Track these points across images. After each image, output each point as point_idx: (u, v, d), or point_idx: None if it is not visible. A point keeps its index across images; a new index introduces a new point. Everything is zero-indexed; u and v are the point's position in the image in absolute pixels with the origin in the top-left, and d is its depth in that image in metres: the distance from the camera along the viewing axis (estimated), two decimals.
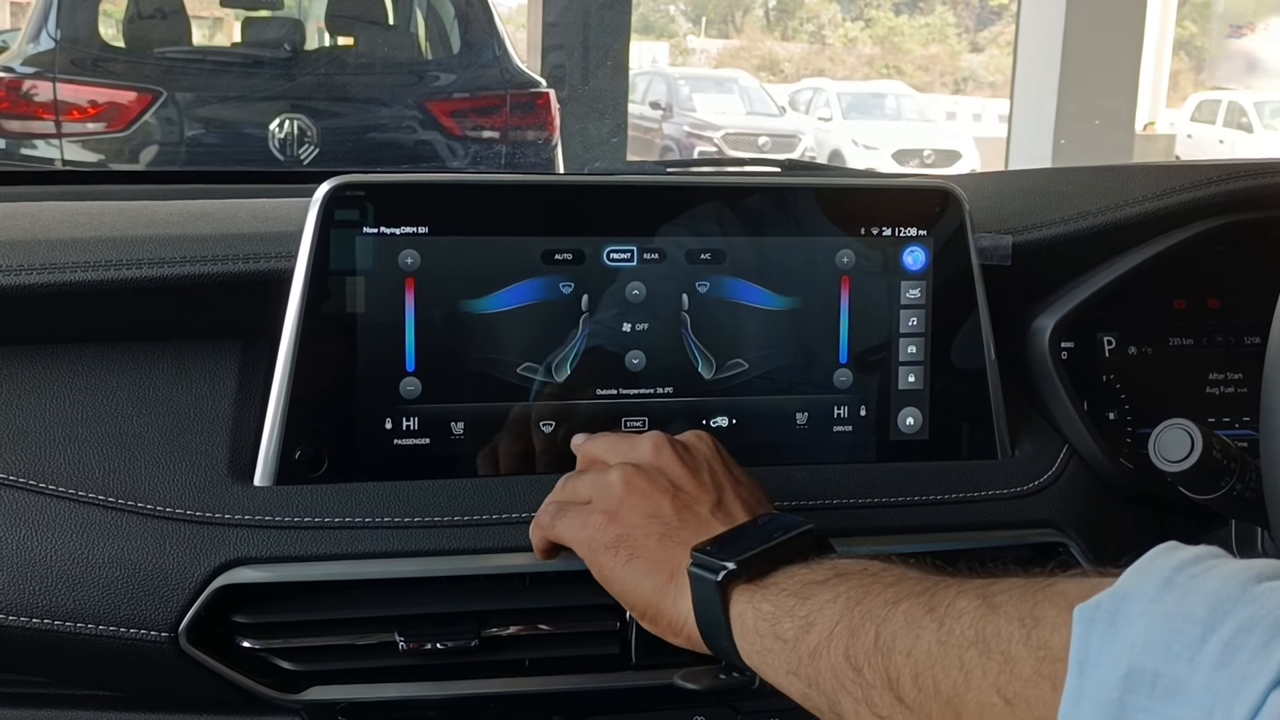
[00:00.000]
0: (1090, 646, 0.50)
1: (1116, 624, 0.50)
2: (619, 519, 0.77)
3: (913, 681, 0.59)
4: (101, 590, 0.84)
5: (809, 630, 0.66)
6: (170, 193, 1.21)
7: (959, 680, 0.57)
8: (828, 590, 0.67)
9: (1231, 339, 1.14)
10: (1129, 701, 0.48)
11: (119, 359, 0.93)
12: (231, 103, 4.43)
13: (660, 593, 0.74)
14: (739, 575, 0.70)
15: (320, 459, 0.90)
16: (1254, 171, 1.07)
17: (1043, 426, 1.05)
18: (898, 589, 0.64)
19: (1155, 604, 0.49)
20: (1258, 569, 0.49)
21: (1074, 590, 0.55)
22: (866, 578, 0.67)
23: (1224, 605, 0.47)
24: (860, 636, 0.63)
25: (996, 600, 0.58)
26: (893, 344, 1.00)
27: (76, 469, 0.88)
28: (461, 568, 0.89)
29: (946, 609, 0.60)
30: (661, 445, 0.81)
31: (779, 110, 14.11)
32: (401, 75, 4.79)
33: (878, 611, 0.63)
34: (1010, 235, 1.03)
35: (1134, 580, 0.51)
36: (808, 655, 0.65)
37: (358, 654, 0.89)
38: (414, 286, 0.91)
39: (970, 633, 0.57)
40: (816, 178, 1.24)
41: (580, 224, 0.95)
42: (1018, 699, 0.54)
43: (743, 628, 0.70)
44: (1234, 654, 0.46)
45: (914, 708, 0.59)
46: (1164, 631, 0.48)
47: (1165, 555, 0.52)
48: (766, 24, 26.09)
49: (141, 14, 4.66)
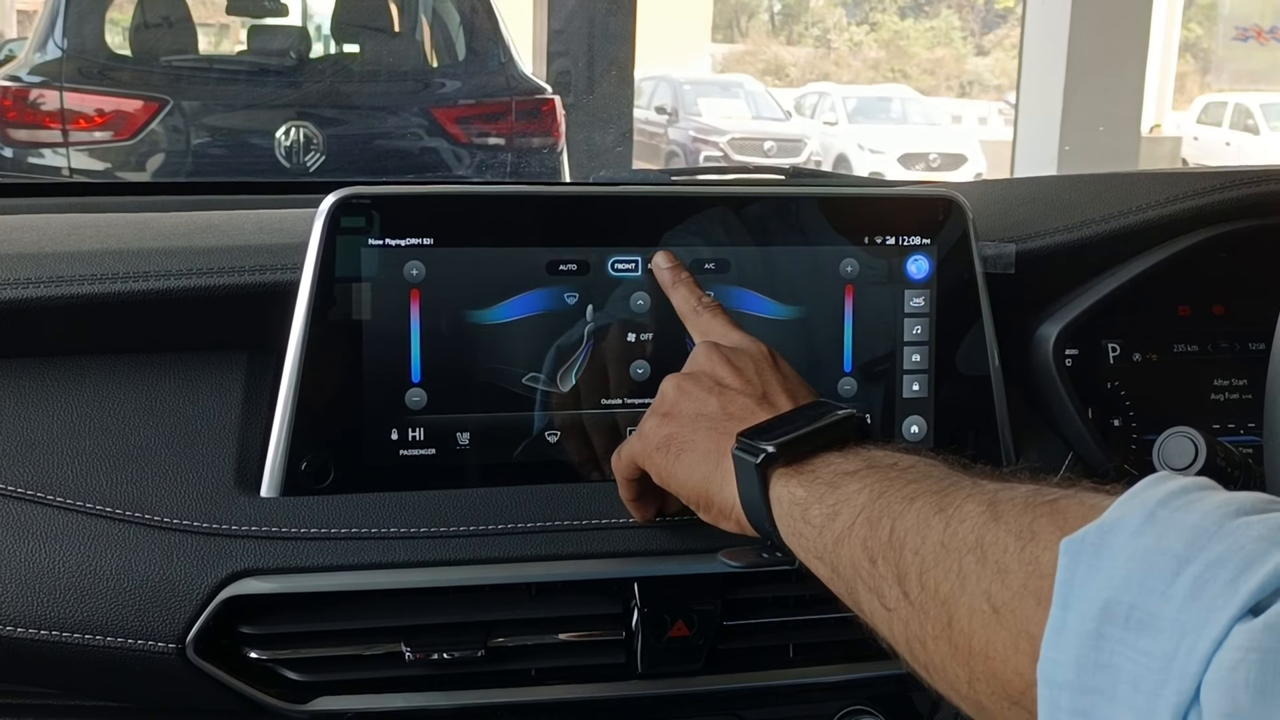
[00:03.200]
0: (1075, 578, 0.51)
1: (1101, 556, 0.51)
2: (670, 419, 0.81)
3: (917, 579, 0.61)
4: (109, 602, 0.85)
5: (834, 518, 0.68)
6: (176, 204, 1.22)
7: (955, 583, 0.58)
8: (856, 481, 0.69)
9: (1236, 345, 1.14)
10: (1105, 633, 0.49)
11: (125, 371, 0.93)
12: (238, 111, 4.44)
13: (708, 479, 0.78)
14: (777, 458, 0.72)
15: (326, 470, 0.90)
16: (1258, 178, 1.07)
17: (1047, 434, 1.05)
18: (917, 486, 0.65)
19: (1137, 538, 0.50)
20: (1238, 503, 0.50)
21: (1073, 510, 0.56)
22: (894, 472, 0.68)
23: (1199, 540, 0.48)
24: (878, 529, 0.65)
25: (1001, 509, 0.59)
26: (897, 352, 1.00)
27: (83, 481, 0.88)
28: (468, 578, 0.90)
29: (954, 510, 0.61)
30: (710, 351, 0.84)
31: (785, 115, 14.12)
32: (407, 82, 4.80)
33: (895, 506, 0.65)
34: (1014, 243, 1.03)
35: (1119, 513, 0.52)
36: (832, 542, 0.68)
37: (365, 664, 0.90)
38: (419, 297, 0.91)
39: (971, 537, 0.59)
40: (821, 186, 1.25)
41: (585, 234, 0.95)
42: (1005, 609, 0.55)
43: (780, 510, 0.72)
44: (1204, 587, 0.46)
45: (916, 604, 0.61)
46: (1142, 566, 0.49)
47: (1153, 487, 0.53)
48: (772, 28, 26.11)
49: (148, 22, 4.67)
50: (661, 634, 0.91)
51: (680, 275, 0.92)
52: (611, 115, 5.92)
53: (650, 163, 11.93)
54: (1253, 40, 17.74)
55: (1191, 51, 20.23)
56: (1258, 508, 0.50)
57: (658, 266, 0.93)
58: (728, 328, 0.88)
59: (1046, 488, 0.60)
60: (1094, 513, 0.53)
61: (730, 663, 0.94)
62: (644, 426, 0.83)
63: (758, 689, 0.96)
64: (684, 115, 13.21)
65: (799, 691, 0.97)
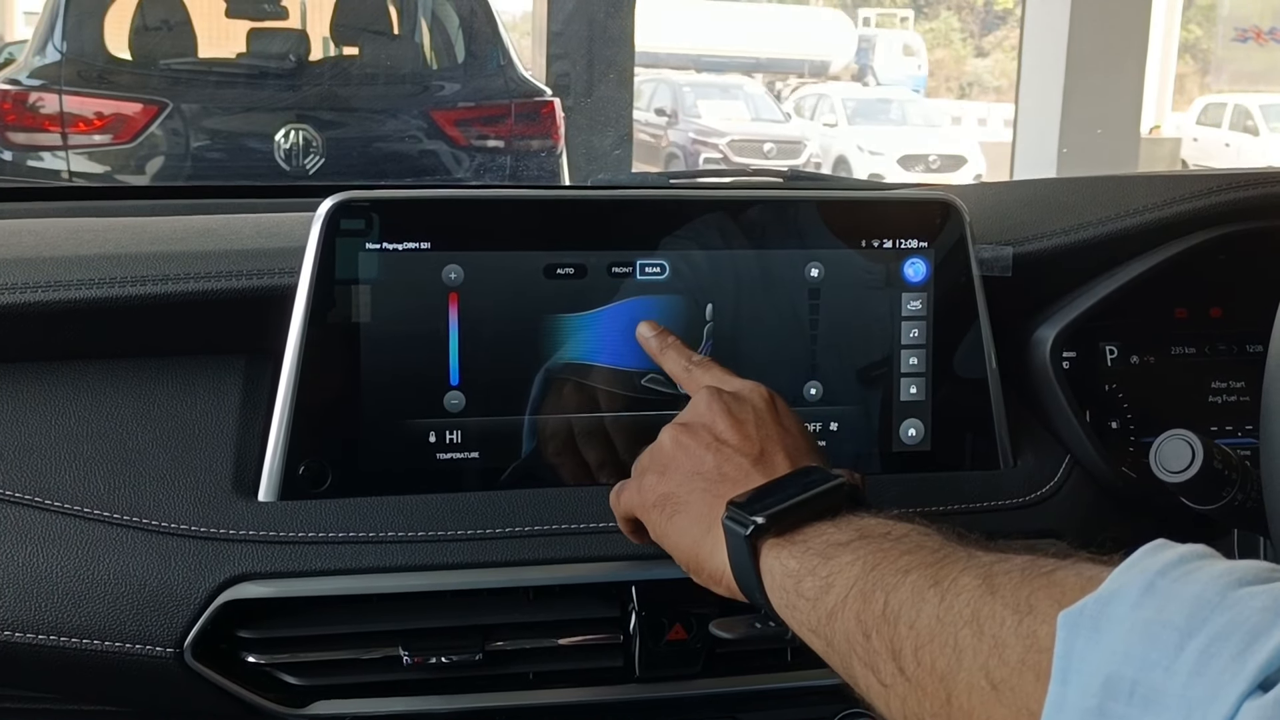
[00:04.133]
0: (1074, 652, 0.50)
1: (1100, 629, 0.50)
2: (666, 477, 0.79)
3: (913, 655, 0.60)
4: (107, 607, 0.85)
5: (828, 591, 0.67)
6: (175, 208, 1.22)
7: (952, 658, 0.57)
8: (849, 552, 0.68)
9: (1234, 348, 1.14)
10: (1108, 709, 0.48)
11: (123, 375, 0.94)
12: (237, 114, 4.44)
13: (699, 544, 0.76)
14: (767, 529, 0.71)
15: (324, 474, 0.91)
16: (1255, 181, 1.07)
17: (1044, 437, 1.05)
18: (911, 558, 0.64)
19: (1137, 610, 0.49)
20: (1239, 573, 0.49)
21: (1070, 582, 0.54)
22: (887, 542, 0.67)
23: (1201, 612, 0.47)
24: (871, 603, 0.64)
25: (997, 581, 0.58)
26: (894, 355, 1.00)
27: (82, 486, 0.88)
28: (465, 582, 0.90)
29: (950, 584, 0.60)
30: (712, 400, 0.81)
31: (784, 116, 14.11)
32: (406, 85, 4.80)
33: (889, 579, 0.64)
34: (1011, 246, 1.03)
35: (1117, 583, 0.51)
36: (825, 615, 0.67)
37: (363, 668, 0.90)
38: (419, 301, 0.91)
39: (967, 611, 0.57)
40: (818, 190, 1.25)
41: (582, 238, 0.95)
42: (1004, 685, 0.54)
43: (771, 581, 0.71)
44: (1209, 662, 0.46)
45: (913, 681, 0.60)
46: (1143, 639, 0.48)
47: (1151, 556, 0.52)
48: None
49: (148, 25, 4.67)
50: (659, 637, 0.91)
51: (666, 340, 0.90)
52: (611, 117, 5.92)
53: (650, 164, 11.93)
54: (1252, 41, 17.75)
55: (1191, 52, 20.23)
56: (1260, 577, 0.49)
57: (642, 336, 0.91)
58: (726, 377, 0.85)
59: (1043, 559, 0.58)
60: (1091, 584, 0.52)
61: (728, 666, 0.94)
62: (643, 481, 0.81)
63: (755, 692, 0.96)
64: (683, 117, 13.20)
65: (796, 695, 0.97)
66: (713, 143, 12.43)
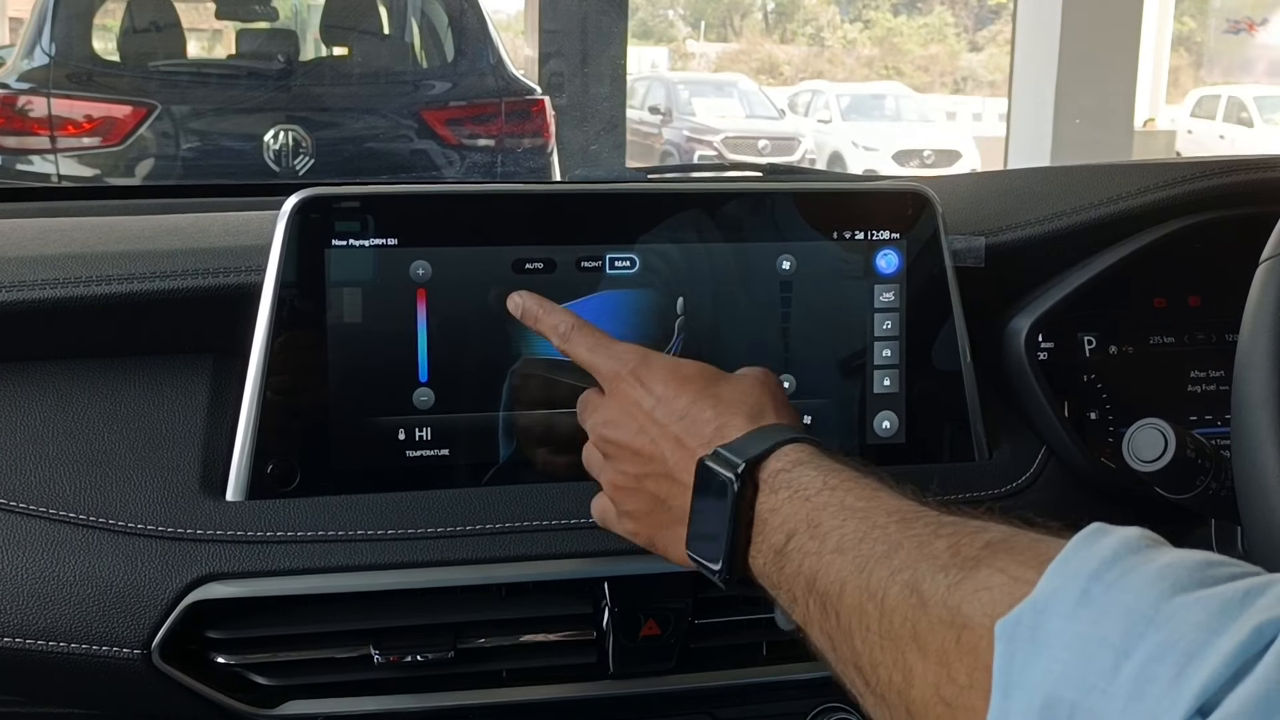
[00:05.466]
0: (1013, 667, 0.50)
1: (1036, 641, 0.49)
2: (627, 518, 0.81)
3: (871, 670, 0.60)
4: (73, 608, 0.84)
5: (793, 607, 0.68)
6: (147, 207, 1.21)
7: (904, 678, 0.57)
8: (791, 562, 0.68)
9: (1213, 336, 1.13)
10: None
11: (90, 375, 0.93)
12: (227, 115, 4.43)
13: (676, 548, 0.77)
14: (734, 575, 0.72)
15: (292, 472, 0.90)
16: (1228, 168, 1.06)
17: (1021, 428, 1.04)
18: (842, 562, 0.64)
19: (1072, 622, 0.49)
20: (1173, 576, 0.48)
21: (997, 583, 0.54)
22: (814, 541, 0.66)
23: (1136, 627, 0.47)
24: (828, 616, 0.64)
25: (924, 588, 0.57)
26: (868, 348, 0.99)
27: (47, 486, 0.87)
28: (436, 579, 0.89)
29: (883, 598, 0.60)
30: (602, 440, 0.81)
31: (778, 113, 14.09)
32: (396, 85, 4.79)
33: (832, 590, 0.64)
34: (984, 236, 1.03)
35: (1051, 587, 0.50)
36: (803, 623, 0.67)
37: (334, 668, 0.89)
38: (387, 297, 0.91)
39: (907, 629, 0.57)
40: (790, 182, 1.24)
41: (553, 233, 0.94)
42: (956, 703, 0.54)
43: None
44: (1146, 686, 0.45)
45: (878, 694, 0.60)
46: (1080, 658, 0.47)
47: (1084, 550, 0.51)
48: (765, 27, 26.09)
49: (136, 27, 4.66)
50: (633, 633, 0.91)
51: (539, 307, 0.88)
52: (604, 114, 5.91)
53: (644, 163, 11.91)
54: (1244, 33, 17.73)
55: (1185, 45, 20.22)
56: (1195, 579, 0.48)
57: (514, 305, 0.89)
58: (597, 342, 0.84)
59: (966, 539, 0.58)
60: (1020, 587, 0.52)
61: (703, 661, 0.94)
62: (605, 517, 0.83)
63: (731, 687, 0.96)
64: (678, 115, 13.19)
65: (772, 689, 0.96)
66: (707, 140, 12.41)
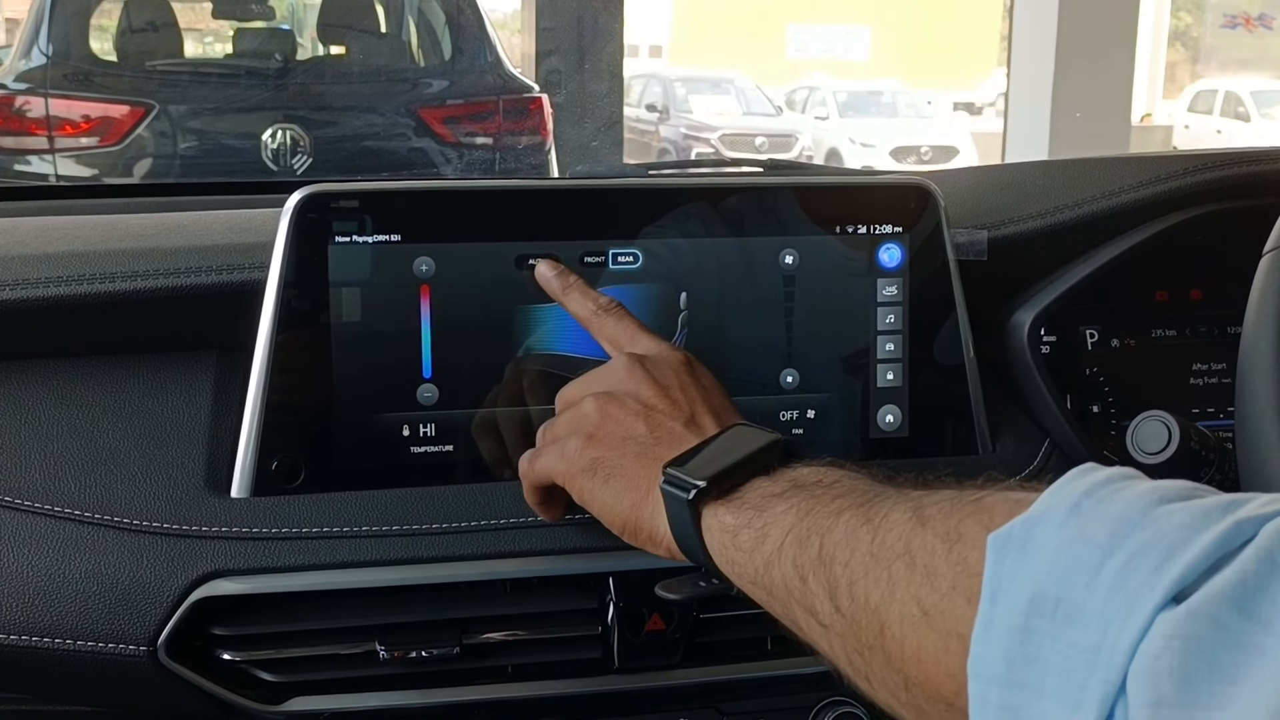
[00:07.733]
0: (1002, 573, 0.51)
1: (1027, 549, 0.51)
2: (595, 442, 0.79)
3: (848, 591, 0.61)
4: (79, 605, 0.84)
5: (763, 541, 0.68)
6: (149, 205, 1.21)
7: (885, 591, 0.58)
8: (783, 502, 0.69)
9: (1215, 329, 1.14)
10: (1033, 625, 0.49)
11: (94, 373, 0.93)
12: (224, 114, 4.44)
13: (638, 508, 0.77)
14: (708, 492, 0.72)
15: (297, 469, 0.90)
16: (1230, 161, 1.06)
17: (1024, 421, 1.04)
18: (843, 500, 0.66)
19: (1062, 530, 0.50)
20: (1161, 491, 0.50)
21: (999, 507, 0.56)
22: (819, 489, 0.68)
23: (1123, 530, 0.48)
24: (807, 547, 0.65)
25: (926, 513, 0.59)
26: (871, 342, 0.99)
27: (52, 484, 0.87)
28: (441, 575, 0.89)
29: (881, 520, 0.61)
30: (632, 368, 0.81)
31: (776, 110, 14.11)
32: (394, 83, 4.80)
33: (822, 522, 0.65)
34: (986, 230, 1.03)
35: (1045, 505, 0.52)
36: (763, 564, 0.68)
37: (339, 664, 0.89)
38: (390, 293, 0.91)
39: (899, 545, 0.59)
40: (793, 177, 1.24)
41: (556, 229, 0.94)
42: (934, 610, 0.55)
43: (711, 538, 0.72)
44: (1128, 577, 0.47)
45: (848, 617, 0.61)
46: (1066, 557, 0.49)
47: (1077, 479, 0.53)
48: None
49: (133, 27, 4.66)
50: (638, 628, 0.91)
51: (568, 280, 0.89)
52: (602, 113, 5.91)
53: (641, 160, 11.91)
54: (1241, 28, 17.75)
55: (1181, 40, 20.23)
56: (1182, 494, 0.50)
57: (543, 276, 0.90)
58: (637, 333, 0.85)
59: (970, 489, 0.60)
60: (1020, 507, 0.53)
61: (708, 656, 0.94)
62: (566, 446, 0.80)
63: (736, 681, 0.96)
64: (675, 113, 13.20)
65: (778, 683, 0.97)
66: (704, 137, 12.42)
